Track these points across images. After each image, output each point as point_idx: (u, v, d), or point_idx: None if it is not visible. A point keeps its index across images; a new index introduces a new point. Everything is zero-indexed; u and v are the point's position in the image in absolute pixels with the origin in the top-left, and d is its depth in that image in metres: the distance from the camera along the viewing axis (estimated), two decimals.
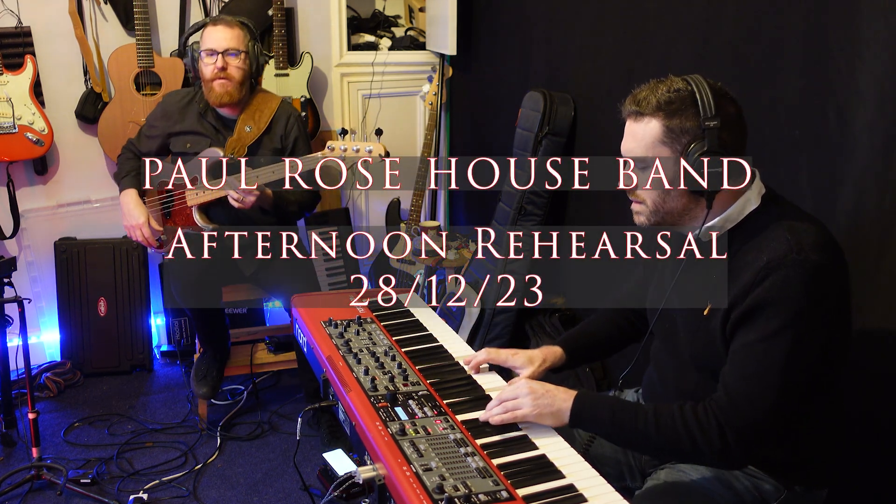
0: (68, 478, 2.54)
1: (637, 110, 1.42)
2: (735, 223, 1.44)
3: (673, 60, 2.28)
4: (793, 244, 1.32)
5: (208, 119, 2.78)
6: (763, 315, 1.32)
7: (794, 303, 1.31)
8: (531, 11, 3.13)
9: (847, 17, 1.69)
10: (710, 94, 1.37)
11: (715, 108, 1.36)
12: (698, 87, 1.38)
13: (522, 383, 1.51)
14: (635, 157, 1.44)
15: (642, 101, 1.41)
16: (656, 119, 1.40)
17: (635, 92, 1.44)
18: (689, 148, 1.38)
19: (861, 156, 1.69)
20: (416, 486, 1.27)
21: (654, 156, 1.41)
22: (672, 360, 1.59)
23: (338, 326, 1.91)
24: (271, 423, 3.02)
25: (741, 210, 1.43)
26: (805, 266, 1.30)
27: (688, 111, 1.38)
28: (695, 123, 1.37)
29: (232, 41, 2.68)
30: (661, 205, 1.45)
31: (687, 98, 1.38)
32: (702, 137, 1.37)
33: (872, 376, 1.69)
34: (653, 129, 1.40)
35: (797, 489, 1.49)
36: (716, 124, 1.36)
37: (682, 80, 1.41)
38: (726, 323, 1.39)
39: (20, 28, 3.15)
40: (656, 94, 1.40)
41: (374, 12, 4.01)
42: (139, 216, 2.76)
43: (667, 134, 1.39)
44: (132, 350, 3.40)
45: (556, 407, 1.46)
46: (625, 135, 1.47)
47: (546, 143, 2.83)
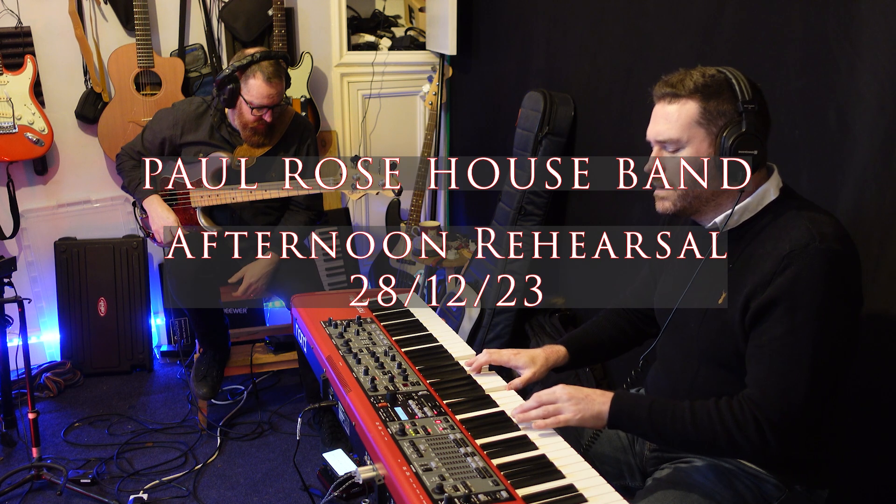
0: (68, 478, 2.54)
1: (672, 92, 1.42)
2: (753, 213, 1.45)
3: (673, 60, 2.28)
4: (815, 233, 1.33)
5: (221, 132, 2.78)
6: (786, 306, 1.33)
7: (816, 292, 1.31)
8: (531, 11, 3.13)
9: (847, 17, 1.69)
10: (745, 80, 1.40)
11: (752, 93, 1.39)
12: (733, 74, 1.41)
13: (560, 388, 1.50)
14: (668, 138, 1.44)
15: (677, 83, 1.42)
16: (693, 100, 1.41)
17: (666, 77, 1.45)
18: (726, 130, 1.39)
19: (861, 156, 1.69)
20: (415, 486, 1.27)
21: (688, 137, 1.42)
22: (679, 353, 1.58)
23: (338, 326, 1.91)
24: (271, 423, 3.02)
25: (760, 200, 1.44)
26: (828, 255, 1.32)
27: (724, 94, 1.40)
28: (731, 107, 1.39)
29: (281, 95, 2.68)
30: (692, 188, 1.45)
31: (723, 82, 1.40)
32: (738, 121, 1.39)
33: (873, 376, 1.69)
34: (689, 109, 1.41)
35: (798, 489, 1.49)
36: (753, 108, 1.38)
37: (715, 69, 1.43)
38: (745, 312, 1.39)
39: (20, 28, 3.15)
40: (692, 77, 1.42)
41: (374, 12, 4.01)
42: (168, 217, 2.75)
43: (704, 115, 1.41)
44: (132, 350, 3.40)
45: (595, 410, 1.46)
46: (654, 118, 1.47)
47: (546, 143, 2.83)
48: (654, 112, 1.47)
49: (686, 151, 1.43)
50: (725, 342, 1.45)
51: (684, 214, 1.51)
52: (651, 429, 1.43)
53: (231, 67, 2.64)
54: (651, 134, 1.48)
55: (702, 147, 1.42)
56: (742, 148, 1.38)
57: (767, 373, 1.36)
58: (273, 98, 2.64)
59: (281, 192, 2.71)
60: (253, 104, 2.64)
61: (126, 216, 3.47)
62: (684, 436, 1.40)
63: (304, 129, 2.88)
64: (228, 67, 2.66)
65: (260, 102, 2.63)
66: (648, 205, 2.36)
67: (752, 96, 1.39)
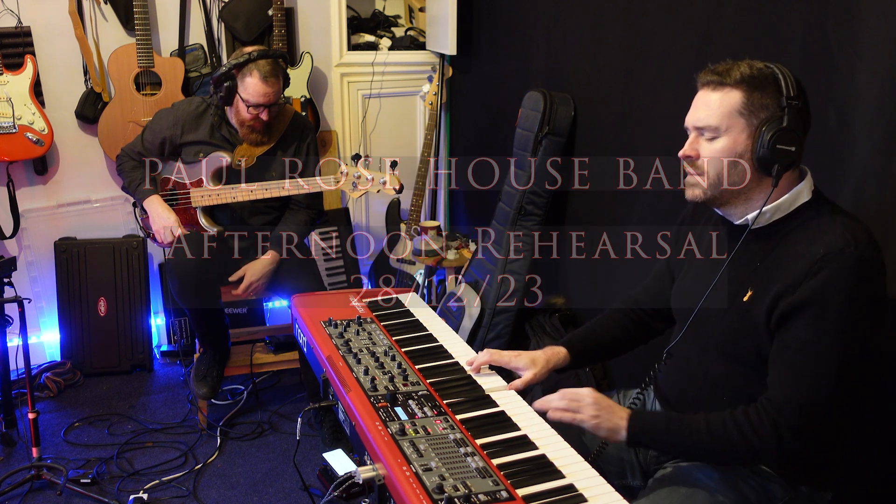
0: (68, 478, 2.54)
1: (718, 80, 1.43)
2: (785, 213, 1.45)
3: (673, 60, 2.28)
4: (849, 238, 1.34)
5: (221, 132, 2.78)
6: (817, 309, 1.33)
7: (848, 298, 1.32)
8: (531, 11, 3.13)
9: (847, 17, 1.69)
10: (792, 77, 1.41)
11: (797, 90, 1.40)
12: (780, 70, 1.42)
13: (588, 391, 1.50)
14: (707, 125, 1.44)
15: (724, 72, 1.42)
16: (738, 90, 1.41)
17: (713, 66, 1.45)
18: (767, 124, 1.39)
19: (861, 156, 1.69)
20: (415, 486, 1.27)
21: (728, 125, 1.42)
22: (697, 347, 1.57)
23: (338, 326, 1.91)
24: (271, 423, 3.02)
25: (793, 201, 1.44)
26: (861, 261, 1.32)
27: (769, 88, 1.40)
28: (774, 101, 1.40)
29: (278, 94, 2.67)
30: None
31: (769, 76, 1.41)
32: (780, 116, 1.39)
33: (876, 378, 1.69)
34: (733, 98, 1.41)
35: (803, 490, 1.49)
36: (796, 104, 1.39)
37: (763, 63, 1.44)
38: (772, 310, 1.39)
39: (20, 28, 3.15)
40: (739, 68, 1.42)
41: (374, 12, 4.01)
42: (168, 217, 2.75)
43: (746, 106, 1.41)
44: (132, 350, 3.40)
45: (613, 423, 1.46)
46: (695, 105, 1.47)
47: (546, 143, 2.83)
48: (696, 98, 1.47)
49: (723, 140, 1.43)
50: (746, 339, 1.45)
51: (713, 204, 1.50)
52: (670, 444, 1.44)
53: (228, 65, 2.64)
54: (690, 120, 1.48)
55: (740, 138, 1.42)
56: (780, 143, 1.38)
57: (792, 377, 1.35)
58: (269, 97, 2.63)
59: (281, 192, 2.71)
60: (249, 102, 2.64)
61: (126, 216, 3.47)
62: (703, 448, 1.41)
63: (304, 128, 2.88)
64: (225, 65, 2.66)
65: (256, 101, 2.63)
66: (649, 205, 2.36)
67: (796, 93, 1.39)
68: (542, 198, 2.90)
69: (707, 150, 1.45)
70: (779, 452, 1.35)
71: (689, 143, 1.48)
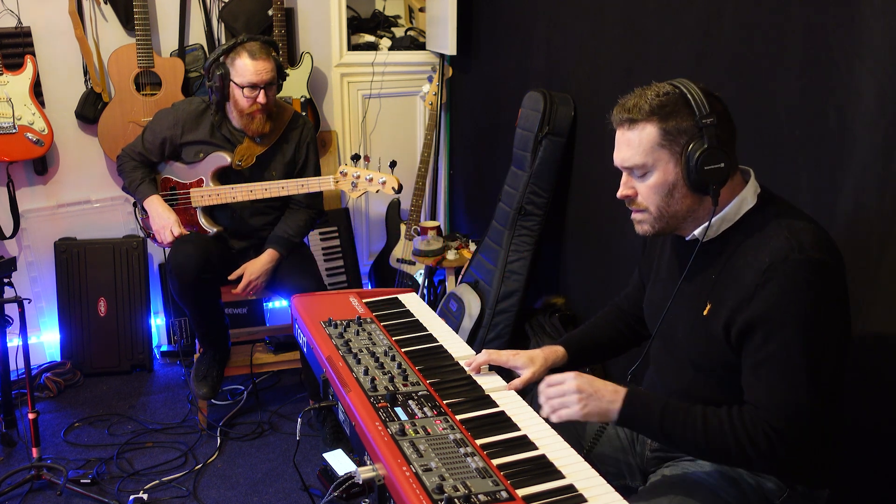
0: (68, 478, 2.54)
1: (630, 117, 1.41)
2: (732, 223, 1.44)
3: (672, 60, 2.28)
4: (794, 243, 1.33)
5: (222, 131, 2.78)
6: (775, 322, 1.33)
7: (802, 304, 1.31)
8: (531, 11, 3.13)
9: (847, 17, 1.69)
10: (700, 93, 1.39)
11: (708, 106, 1.38)
12: (687, 88, 1.40)
13: (571, 378, 1.47)
14: (634, 164, 1.43)
15: (633, 108, 1.41)
16: (651, 124, 1.40)
17: (622, 101, 1.44)
18: (689, 147, 1.38)
19: (861, 156, 1.69)
20: (415, 486, 1.27)
21: (653, 160, 1.41)
22: (671, 359, 1.59)
23: (338, 326, 1.91)
24: (271, 423, 3.02)
25: (738, 209, 1.44)
26: (807, 265, 1.31)
27: (681, 112, 1.38)
28: (690, 123, 1.38)
29: (271, 73, 2.66)
30: (666, 209, 1.44)
31: (678, 99, 1.39)
32: (700, 136, 1.38)
33: (873, 377, 1.69)
34: (649, 133, 1.40)
35: (799, 488, 1.49)
36: (712, 121, 1.37)
37: (668, 84, 1.42)
38: (730, 325, 1.39)
39: (20, 28, 3.15)
40: (646, 99, 1.40)
41: (374, 12, 4.01)
42: (168, 217, 2.74)
43: (664, 136, 1.39)
44: (132, 350, 3.40)
45: (602, 408, 1.44)
46: (617, 145, 1.46)
47: (546, 143, 2.83)
48: (616, 139, 1.46)
49: (654, 175, 1.42)
50: (712, 352, 1.45)
51: (664, 233, 1.51)
52: (661, 432, 1.42)
53: (217, 52, 2.66)
54: (617, 161, 1.47)
55: (668, 168, 1.41)
56: (707, 163, 1.37)
57: (769, 388, 1.35)
58: (261, 75, 2.63)
59: (281, 192, 2.71)
60: (243, 84, 2.63)
61: (126, 216, 3.47)
62: (694, 443, 1.40)
63: (304, 127, 2.88)
64: (214, 53, 2.67)
65: (249, 80, 2.62)
66: None
67: (709, 109, 1.37)
68: (542, 198, 2.90)
69: (642, 187, 1.45)
70: (769, 458, 1.35)
71: (623, 183, 1.48)
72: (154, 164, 2.87)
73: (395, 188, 2.61)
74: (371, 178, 2.61)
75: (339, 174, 2.63)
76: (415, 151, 3.97)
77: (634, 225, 1.51)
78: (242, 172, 2.77)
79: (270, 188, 2.70)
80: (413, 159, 3.90)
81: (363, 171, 2.61)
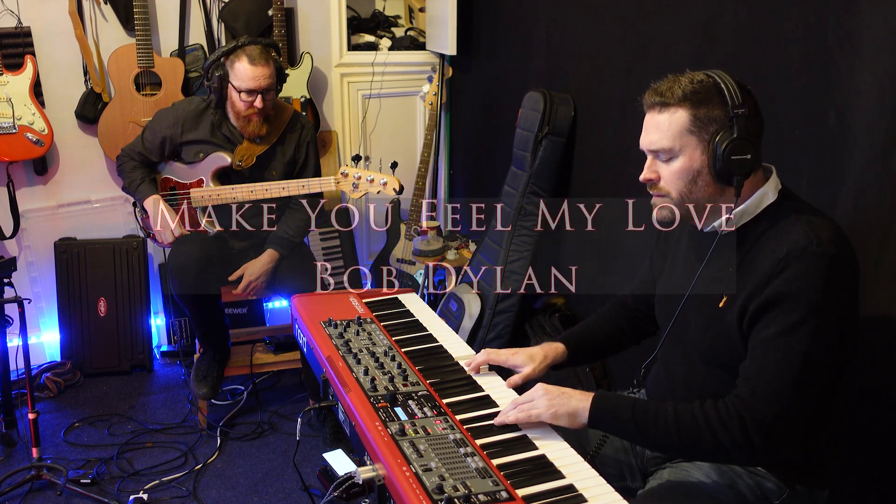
0: (68, 478, 2.54)
1: (662, 101, 1.42)
2: (752, 216, 1.45)
3: (673, 60, 2.28)
4: (812, 237, 1.33)
5: (222, 130, 2.78)
6: (783, 307, 1.33)
7: (813, 294, 1.32)
8: (531, 11, 3.13)
9: (847, 17, 1.69)
10: (734, 85, 1.40)
11: (741, 97, 1.39)
12: (721, 79, 1.41)
13: (538, 386, 1.50)
14: (661, 147, 1.44)
15: (666, 91, 1.42)
16: (683, 108, 1.41)
17: (655, 85, 1.45)
18: (718, 136, 1.39)
19: (861, 156, 1.69)
20: (415, 486, 1.27)
21: (681, 145, 1.42)
22: (680, 354, 1.58)
23: (337, 326, 1.91)
24: (271, 423, 3.02)
25: (759, 203, 1.44)
26: (824, 258, 1.32)
27: (714, 100, 1.39)
28: (722, 112, 1.39)
29: (269, 79, 2.65)
30: (688, 195, 1.45)
31: (712, 88, 1.40)
32: (730, 126, 1.39)
33: (874, 376, 1.69)
34: (679, 118, 1.41)
35: (799, 489, 1.49)
36: (743, 112, 1.38)
37: (703, 73, 1.43)
38: (744, 314, 1.39)
39: (20, 28, 3.15)
40: (680, 84, 1.41)
41: (374, 12, 4.01)
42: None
43: (694, 123, 1.40)
44: (132, 350, 3.40)
45: (571, 407, 1.45)
46: (646, 128, 1.47)
47: (546, 143, 2.83)
48: (645, 121, 1.47)
49: (680, 160, 1.43)
50: (725, 345, 1.45)
51: (683, 220, 1.51)
52: (634, 430, 1.42)
53: (217, 53, 2.65)
54: (644, 144, 1.48)
55: (695, 155, 1.42)
56: (735, 153, 1.38)
57: (759, 371, 1.35)
58: (259, 81, 2.62)
59: (281, 192, 2.71)
60: (241, 88, 2.63)
61: (126, 216, 3.47)
62: (668, 438, 1.39)
63: (304, 127, 2.88)
64: (214, 54, 2.66)
65: (247, 86, 2.62)
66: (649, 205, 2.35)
67: (741, 100, 1.38)
68: (542, 198, 2.90)
69: (665, 171, 1.45)
70: (746, 448, 1.33)
71: (647, 166, 1.48)
72: (154, 164, 2.87)
73: (396, 189, 2.61)
74: (372, 179, 2.61)
75: (339, 175, 2.64)
76: (415, 151, 3.97)
77: (654, 210, 1.51)
78: (242, 172, 2.77)
79: (271, 188, 2.70)
80: (413, 159, 3.90)
81: (364, 172, 2.61)
